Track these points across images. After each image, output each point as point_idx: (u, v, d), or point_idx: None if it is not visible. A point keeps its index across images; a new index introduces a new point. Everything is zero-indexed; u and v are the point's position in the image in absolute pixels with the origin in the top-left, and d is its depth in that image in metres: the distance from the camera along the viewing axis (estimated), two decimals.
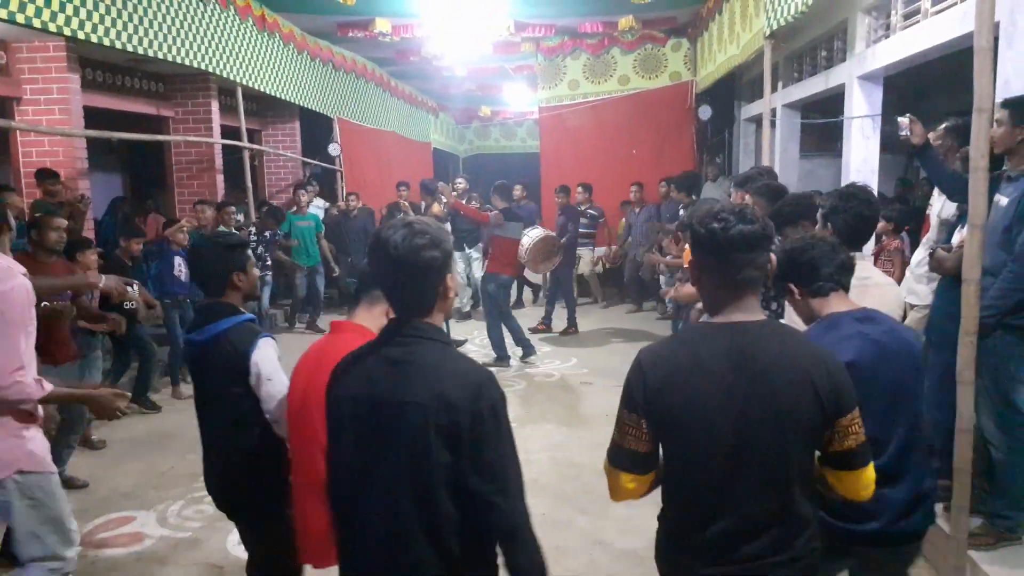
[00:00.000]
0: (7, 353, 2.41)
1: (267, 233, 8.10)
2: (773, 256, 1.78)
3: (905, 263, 4.42)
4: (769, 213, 3.26)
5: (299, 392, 2.32)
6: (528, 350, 7.31)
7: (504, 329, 7.29)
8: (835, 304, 2.15)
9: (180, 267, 6.35)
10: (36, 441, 2.60)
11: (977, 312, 2.95)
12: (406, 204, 9.21)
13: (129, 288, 3.75)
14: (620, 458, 1.79)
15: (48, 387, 2.54)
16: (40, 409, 2.62)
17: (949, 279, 3.50)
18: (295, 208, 9.14)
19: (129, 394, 2.89)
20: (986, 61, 2.80)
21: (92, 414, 2.87)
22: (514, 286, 9.98)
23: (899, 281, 4.35)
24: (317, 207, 9.89)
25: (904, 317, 3.35)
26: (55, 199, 6.05)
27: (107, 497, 4.50)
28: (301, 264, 8.93)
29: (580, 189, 9.58)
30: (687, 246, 5.40)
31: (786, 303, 2.42)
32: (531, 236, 7.93)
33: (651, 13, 9.00)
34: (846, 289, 2.18)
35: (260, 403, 2.47)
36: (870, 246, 5.22)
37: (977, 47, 2.79)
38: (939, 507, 3.39)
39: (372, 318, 2.35)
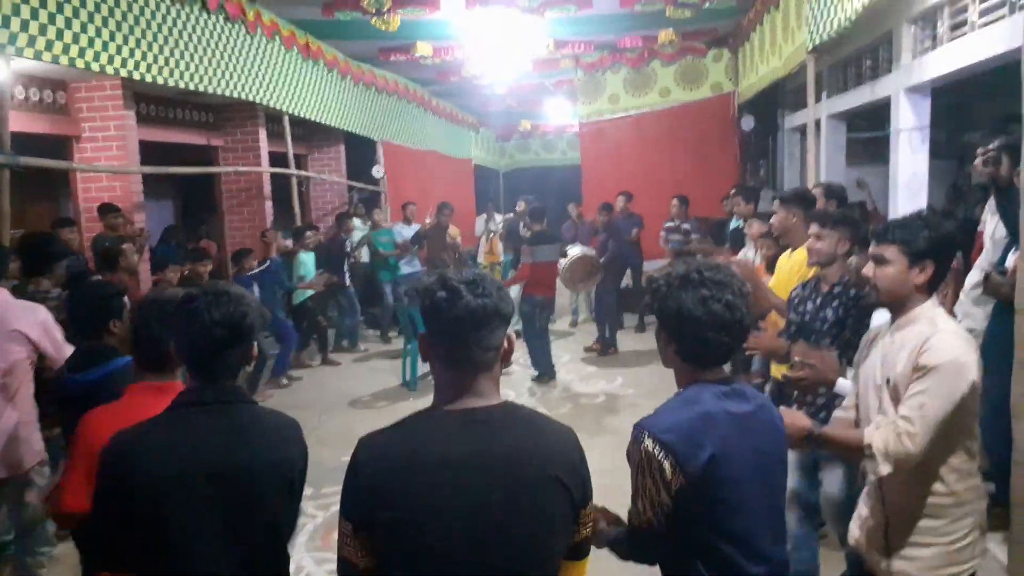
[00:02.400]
0: (65, 356, 3.08)
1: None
2: (511, 335, 1.55)
3: (960, 283, 4.32)
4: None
5: None
6: (544, 376, 7.38)
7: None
8: (707, 373, 1.84)
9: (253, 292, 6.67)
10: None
11: None
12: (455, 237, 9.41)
13: None
14: (341, 571, 1.53)
15: None
16: None
17: (1003, 303, 3.43)
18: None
19: None
20: None
21: None
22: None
23: (953, 303, 4.25)
24: (360, 230, 9.99)
25: None
26: (116, 232, 6.27)
27: None
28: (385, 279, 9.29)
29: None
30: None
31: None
32: (570, 255, 7.94)
33: (691, 26, 8.95)
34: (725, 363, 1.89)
35: None
36: None
37: None
38: (997, 536, 3.32)
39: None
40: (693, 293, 1.75)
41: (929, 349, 2.09)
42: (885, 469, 2.10)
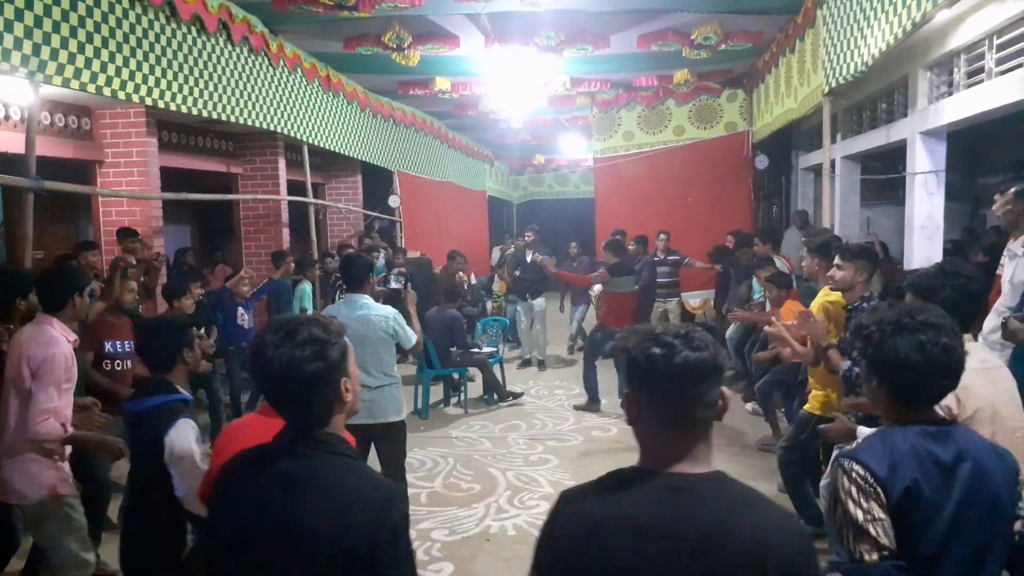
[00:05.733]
0: (39, 402, 3.14)
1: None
2: (726, 392, 1.45)
3: (975, 326, 4.30)
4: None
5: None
6: (592, 404, 7.40)
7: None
8: (914, 413, 1.82)
9: (243, 316, 6.79)
10: (64, 470, 3.30)
11: None
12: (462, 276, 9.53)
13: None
14: None
15: (70, 430, 3.23)
16: (67, 449, 3.30)
17: (1022, 348, 3.42)
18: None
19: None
20: None
21: (99, 457, 3.54)
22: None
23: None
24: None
25: None
26: (134, 256, 6.34)
27: None
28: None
29: (663, 236, 9.22)
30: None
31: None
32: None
33: (706, 67, 9.06)
34: (936, 402, 1.88)
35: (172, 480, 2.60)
36: None
37: None
38: None
39: None
40: (910, 338, 1.74)
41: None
42: None
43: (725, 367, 1.48)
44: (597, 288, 8.09)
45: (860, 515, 1.71)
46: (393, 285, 9.04)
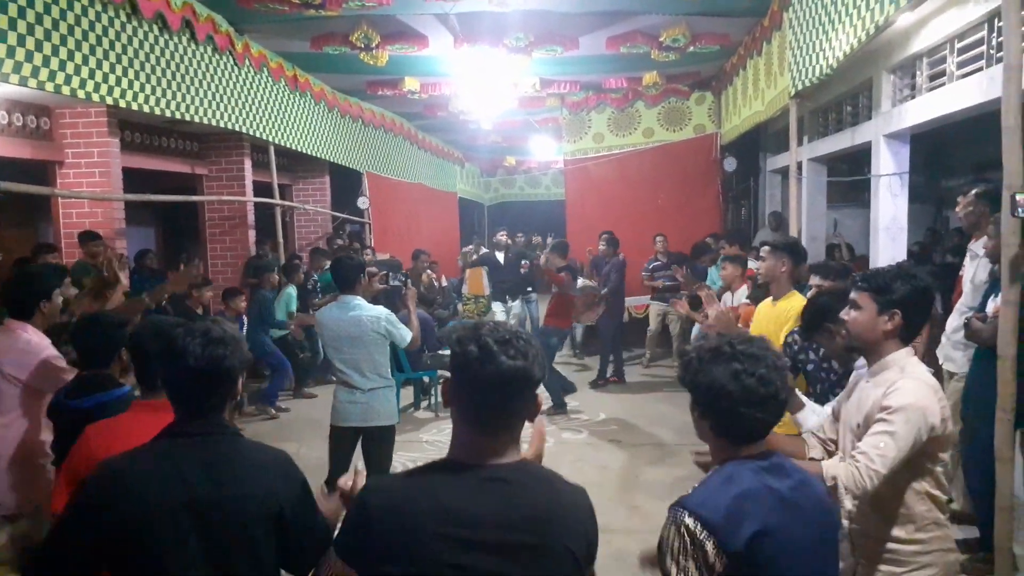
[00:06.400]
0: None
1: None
2: (539, 396, 1.53)
3: (934, 324, 4.35)
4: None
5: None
6: (558, 408, 7.36)
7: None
8: (745, 449, 1.75)
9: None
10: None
11: (1013, 389, 2.91)
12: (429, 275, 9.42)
13: None
14: None
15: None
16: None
17: (984, 348, 3.46)
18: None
19: None
20: (1014, 140, 2.81)
21: None
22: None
23: (925, 343, 4.28)
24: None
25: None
26: (96, 260, 6.20)
27: None
28: None
29: (659, 239, 9.17)
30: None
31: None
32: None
33: (675, 69, 9.11)
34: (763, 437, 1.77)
35: None
36: None
37: (1004, 126, 2.81)
38: None
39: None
40: (725, 367, 1.68)
41: (895, 391, 2.17)
42: (848, 503, 2.15)
43: (541, 378, 1.50)
44: (579, 283, 8.10)
45: (674, 572, 1.63)
46: (393, 283, 8.90)
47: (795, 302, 3.78)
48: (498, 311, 9.60)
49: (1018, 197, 2.91)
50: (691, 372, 1.74)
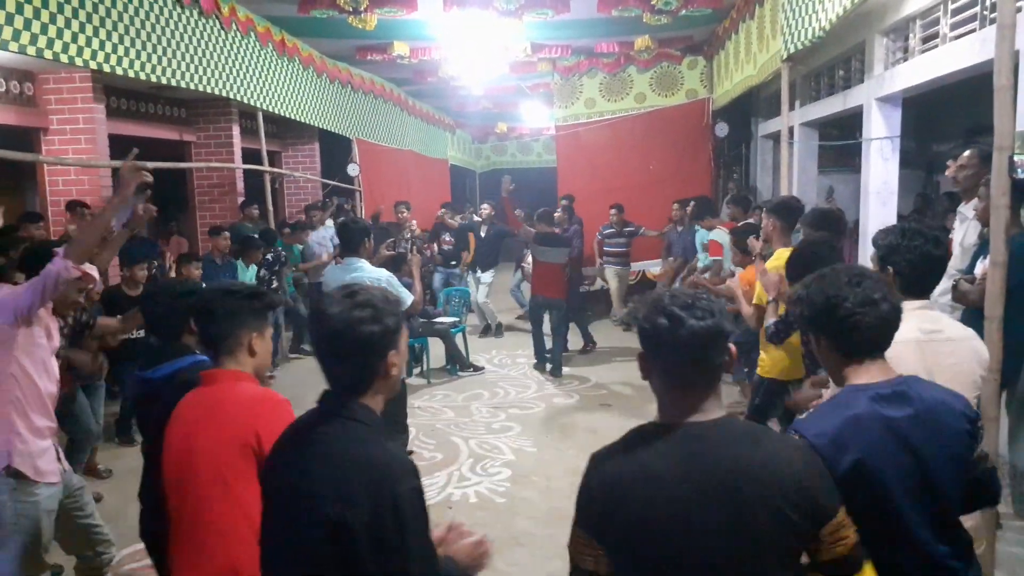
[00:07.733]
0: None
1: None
2: (732, 348, 1.54)
3: None
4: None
5: (182, 453, 2.11)
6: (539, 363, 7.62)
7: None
8: (866, 373, 1.77)
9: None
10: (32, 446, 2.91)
11: (999, 350, 2.93)
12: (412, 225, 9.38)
13: None
14: None
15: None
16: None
17: (972, 310, 3.49)
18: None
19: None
20: (1006, 100, 2.80)
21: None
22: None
23: None
24: (328, 227, 9.72)
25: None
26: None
27: (133, 526, 4.54)
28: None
29: (613, 211, 9.36)
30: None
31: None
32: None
33: (667, 33, 9.02)
34: (883, 350, 1.81)
35: None
36: None
37: (997, 85, 2.79)
38: None
39: (238, 362, 2.22)
40: (832, 278, 1.78)
41: None
42: None
43: (729, 331, 1.53)
44: (530, 259, 8.12)
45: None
46: (400, 249, 8.80)
47: (782, 259, 3.78)
48: (470, 280, 9.66)
49: (1016, 158, 2.88)
50: (806, 298, 1.82)
